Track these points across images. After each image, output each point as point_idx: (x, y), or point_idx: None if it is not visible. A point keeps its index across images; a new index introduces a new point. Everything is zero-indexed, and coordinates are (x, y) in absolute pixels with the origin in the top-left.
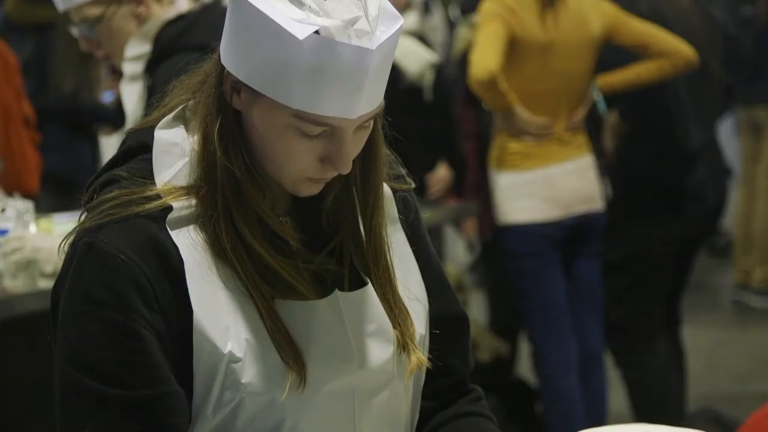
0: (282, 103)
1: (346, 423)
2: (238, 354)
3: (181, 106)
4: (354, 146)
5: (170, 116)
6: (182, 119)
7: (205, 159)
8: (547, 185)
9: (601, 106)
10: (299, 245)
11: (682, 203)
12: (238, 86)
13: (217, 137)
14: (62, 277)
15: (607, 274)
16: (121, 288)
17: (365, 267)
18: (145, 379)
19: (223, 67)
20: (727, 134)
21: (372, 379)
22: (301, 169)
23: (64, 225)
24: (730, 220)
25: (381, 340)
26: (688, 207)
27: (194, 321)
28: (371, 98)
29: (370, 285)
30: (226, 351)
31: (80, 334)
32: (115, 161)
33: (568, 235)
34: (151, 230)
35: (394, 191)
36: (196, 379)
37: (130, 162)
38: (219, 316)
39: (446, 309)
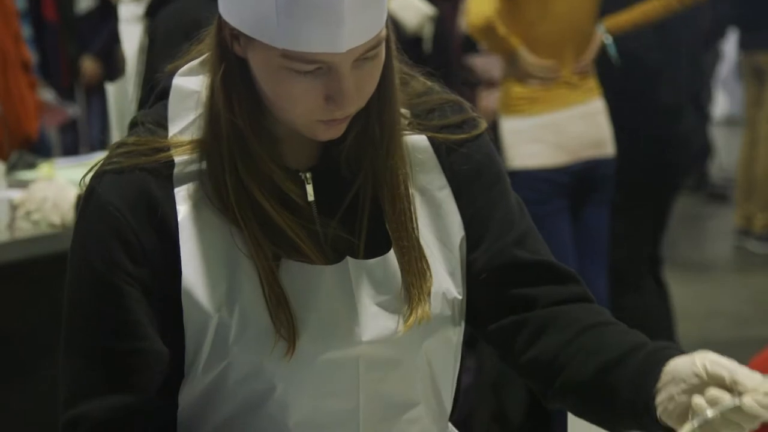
0: (269, 44)
1: (347, 393)
2: (228, 317)
3: (207, 53)
4: (362, 81)
5: (196, 62)
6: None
7: (210, 110)
8: (554, 130)
9: (611, 49)
10: (306, 204)
11: (668, 150)
12: (235, 32)
13: (220, 87)
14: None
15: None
16: (108, 241)
17: (383, 218)
18: (117, 334)
19: (221, 14)
20: (730, 80)
21: (381, 352)
22: (307, 111)
23: (66, 169)
24: (732, 165)
25: (393, 311)
26: (674, 154)
27: (183, 282)
28: (358, 29)
29: (388, 254)
30: (214, 313)
31: (72, 275)
32: (143, 103)
33: (575, 181)
34: (148, 184)
35: (438, 141)
36: (186, 336)
37: (155, 105)
38: (211, 277)
39: (504, 254)
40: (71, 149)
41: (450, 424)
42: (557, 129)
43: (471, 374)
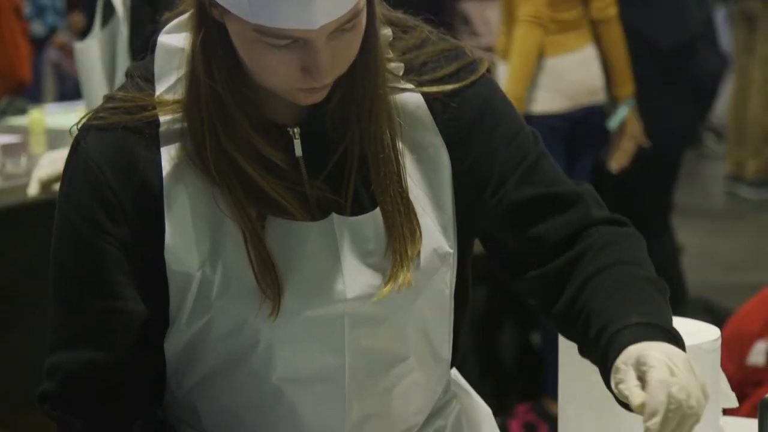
0: (243, 18)
1: (333, 349)
2: (211, 274)
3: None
4: (339, 52)
5: (182, 18)
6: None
7: (190, 74)
8: (554, 76)
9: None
10: (289, 166)
11: (686, 92)
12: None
13: (199, 51)
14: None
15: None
16: (88, 199)
17: (369, 179)
18: (93, 292)
19: None
20: (721, 25)
21: (367, 309)
22: (284, 81)
23: (57, 115)
24: (724, 111)
25: (379, 270)
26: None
27: (166, 239)
28: (331, 4)
29: (374, 212)
30: (197, 270)
31: (55, 226)
32: (139, 51)
33: (571, 128)
34: (131, 144)
35: (432, 95)
36: (170, 291)
37: (148, 57)
38: (194, 235)
39: (510, 196)
40: (71, 95)
41: (454, 370)
42: (557, 74)
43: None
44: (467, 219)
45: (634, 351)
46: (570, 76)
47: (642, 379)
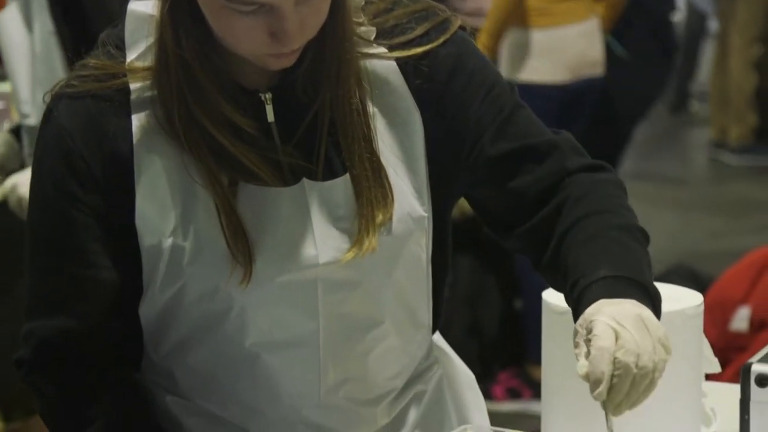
0: None
1: (307, 314)
2: (182, 240)
3: None
4: (307, 17)
5: None
6: None
7: (159, 41)
8: (558, 46)
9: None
10: (260, 132)
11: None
12: None
13: (168, 19)
14: None
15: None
16: (59, 167)
17: (339, 144)
18: (65, 260)
19: None
20: None
21: (340, 274)
22: (252, 47)
23: None
24: (706, 77)
25: (351, 235)
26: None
27: (136, 206)
28: None
29: (345, 177)
30: (168, 237)
31: (30, 194)
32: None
33: (570, 99)
34: (102, 111)
35: (404, 59)
36: (142, 256)
37: (119, 26)
38: (165, 201)
39: (486, 152)
40: None
41: (437, 335)
42: (559, 45)
43: (447, 287)
44: (443, 182)
45: (588, 314)
46: (572, 47)
47: (588, 347)
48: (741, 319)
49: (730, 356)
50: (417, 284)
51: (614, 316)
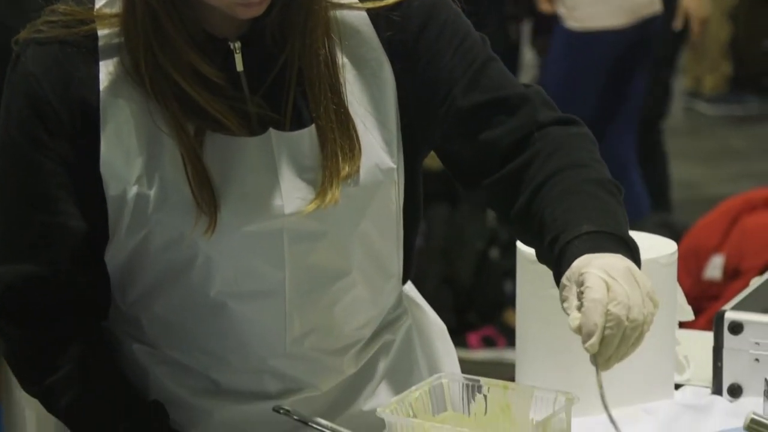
0: None
1: (273, 264)
2: (147, 189)
3: None
4: None
5: None
6: None
7: None
8: None
9: None
10: (227, 82)
11: None
12: None
13: None
14: None
15: None
16: (26, 113)
17: (307, 95)
18: (32, 206)
19: None
20: None
21: (306, 224)
22: None
23: None
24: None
25: (316, 185)
26: None
27: (101, 152)
28: None
29: (311, 127)
30: (133, 184)
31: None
32: None
33: (631, 42)
34: (70, 57)
35: (376, 10)
36: (108, 202)
37: None
38: (130, 148)
39: (458, 103)
40: None
41: (408, 284)
42: None
43: (421, 238)
44: (415, 133)
45: (576, 267)
46: None
47: (580, 299)
48: (714, 268)
49: (704, 305)
50: (386, 235)
51: (605, 269)
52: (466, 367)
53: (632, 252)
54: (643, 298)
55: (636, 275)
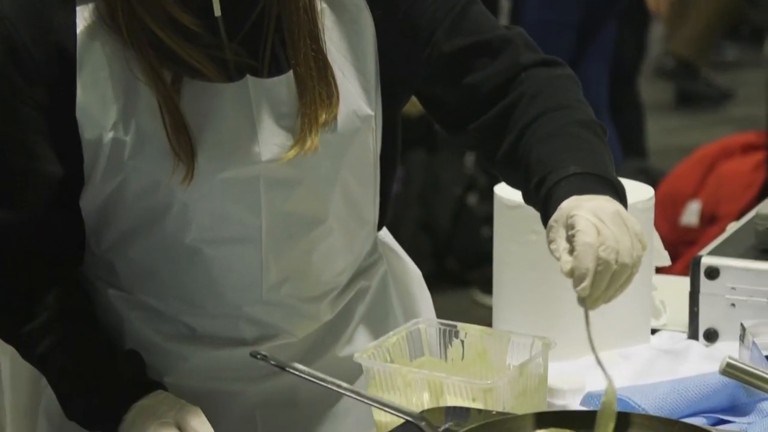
0: None
1: (249, 211)
2: (123, 135)
3: None
4: None
5: None
6: None
7: None
8: None
9: None
10: (204, 30)
11: None
12: None
13: None
14: None
15: None
16: (2, 57)
17: (286, 41)
18: (8, 151)
19: None
20: None
21: (283, 171)
22: None
23: None
24: None
25: (293, 132)
26: None
27: (77, 97)
28: None
29: (289, 74)
30: (109, 130)
31: None
32: None
33: None
34: (46, 2)
35: None
36: (84, 146)
37: None
38: (106, 94)
39: (441, 47)
40: None
41: (384, 231)
42: None
43: (399, 183)
44: (395, 80)
45: (566, 208)
46: None
47: (571, 243)
48: (691, 214)
49: (681, 250)
50: (363, 182)
51: (594, 212)
52: (443, 313)
53: (619, 193)
54: (632, 240)
55: (624, 218)
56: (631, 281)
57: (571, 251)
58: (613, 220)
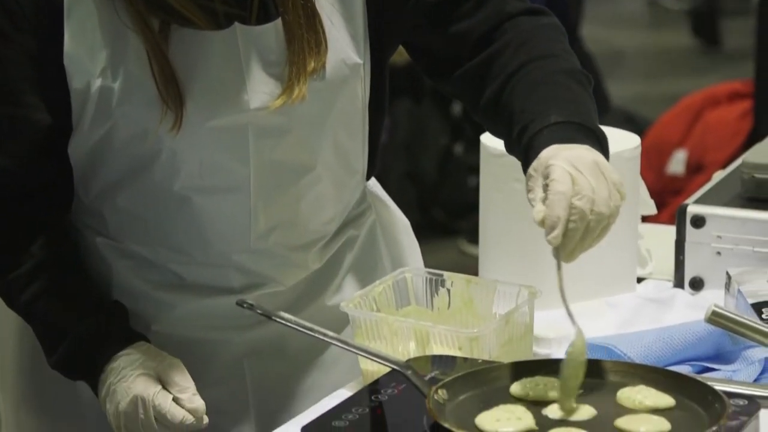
0: None
1: (238, 159)
2: (111, 83)
3: None
4: None
5: None
6: None
7: None
8: None
9: None
10: None
11: None
12: None
13: None
14: None
15: None
16: None
17: None
18: None
19: None
20: None
21: (271, 120)
22: None
23: None
24: None
25: (281, 80)
26: None
27: (65, 43)
28: None
29: (277, 21)
30: (97, 77)
31: None
32: None
33: None
34: None
35: None
36: (71, 94)
37: None
38: (94, 41)
39: None
40: None
41: (372, 180)
42: None
43: (385, 133)
44: (383, 29)
45: (544, 158)
46: None
47: (545, 192)
48: (677, 162)
49: (667, 199)
50: (352, 131)
51: (571, 161)
52: (430, 262)
53: (601, 143)
54: (609, 190)
55: (602, 167)
56: (608, 231)
57: (545, 200)
58: (590, 169)
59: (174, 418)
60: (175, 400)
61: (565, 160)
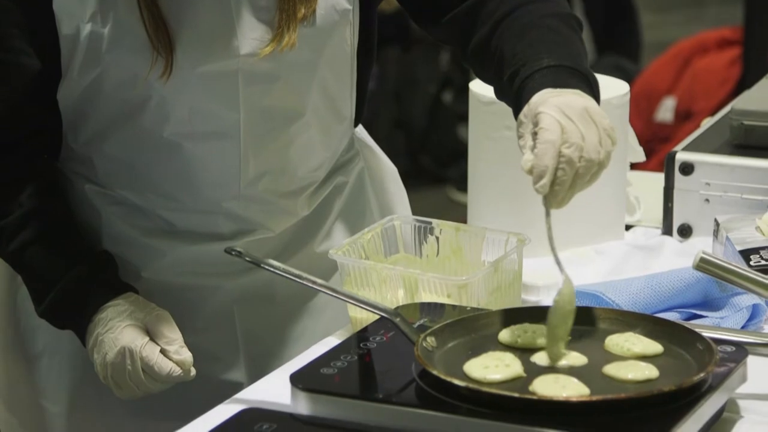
0: None
1: (227, 105)
2: (101, 28)
3: None
4: None
5: None
6: None
7: None
8: None
9: None
10: None
11: None
12: None
13: None
14: None
15: None
16: None
17: None
18: None
19: None
20: None
21: (261, 66)
22: None
23: None
24: None
25: (272, 26)
26: None
27: None
28: None
29: None
30: (86, 22)
31: None
32: None
33: None
34: None
35: None
36: (61, 39)
37: None
38: None
39: None
40: None
41: (360, 128)
42: None
43: (374, 81)
44: None
45: (534, 104)
46: None
47: (534, 140)
48: (666, 110)
49: (655, 147)
50: (341, 77)
51: (561, 108)
52: (419, 209)
53: (592, 87)
54: (600, 136)
55: (593, 113)
56: (598, 177)
57: (534, 148)
58: (580, 115)
59: (161, 369)
60: (163, 351)
61: (554, 108)
